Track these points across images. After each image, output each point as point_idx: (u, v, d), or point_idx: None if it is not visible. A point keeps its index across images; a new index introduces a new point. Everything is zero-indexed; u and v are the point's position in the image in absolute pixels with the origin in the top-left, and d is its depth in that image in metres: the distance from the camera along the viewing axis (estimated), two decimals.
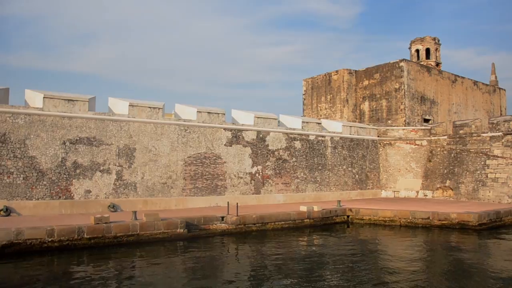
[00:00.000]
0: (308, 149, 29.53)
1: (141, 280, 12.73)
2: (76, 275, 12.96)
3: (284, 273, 13.79)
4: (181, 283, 12.52)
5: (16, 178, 19.39)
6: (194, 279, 12.88)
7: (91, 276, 12.97)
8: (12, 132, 19.52)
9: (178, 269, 14.42)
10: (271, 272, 13.80)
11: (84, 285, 11.92)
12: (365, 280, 13.02)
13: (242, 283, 12.49)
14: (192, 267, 14.66)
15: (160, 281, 12.65)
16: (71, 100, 20.97)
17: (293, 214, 22.72)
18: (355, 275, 13.55)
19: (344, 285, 12.36)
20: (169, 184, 23.30)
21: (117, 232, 17.10)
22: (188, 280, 12.79)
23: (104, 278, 12.77)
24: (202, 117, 24.71)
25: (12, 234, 15.07)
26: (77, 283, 12.08)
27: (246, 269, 14.42)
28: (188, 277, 13.26)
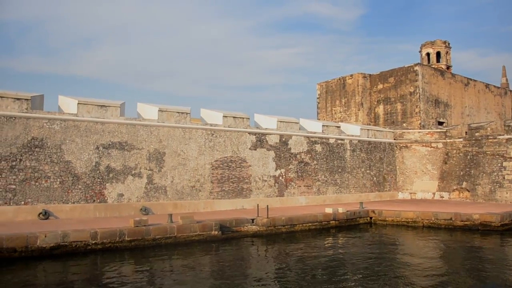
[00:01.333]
0: (328, 152, 29.80)
1: (177, 280, 12.99)
2: (117, 275, 13.18)
3: (313, 273, 13.89)
4: (213, 283, 12.75)
5: (53, 182, 19.68)
6: (225, 279, 13.03)
7: (131, 276, 13.27)
8: (49, 137, 19.83)
9: (211, 269, 14.64)
10: (301, 272, 13.90)
11: (124, 284, 12.16)
12: (391, 277, 13.34)
13: (272, 283, 12.70)
14: (225, 267, 14.85)
15: (194, 281, 12.86)
16: (104, 105, 21.28)
17: (320, 216, 22.99)
18: (382, 275, 13.76)
19: (373, 284, 12.64)
20: (197, 188, 23.57)
21: (156, 234, 17.38)
22: (220, 281, 12.99)
23: (143, 278, 13.08)
24: (227, 122, 25.01)
25: (59, 236, 15.35)
26: (118, 282, 12.31)
27: (277, 269, 14.56)
28: (220, 277, 13.41)
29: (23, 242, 14.76)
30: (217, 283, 12.68)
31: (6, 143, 18.88)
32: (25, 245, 14.79)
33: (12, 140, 19.03)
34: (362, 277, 13.38)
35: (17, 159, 19.04)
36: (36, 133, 19.55)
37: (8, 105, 19.13)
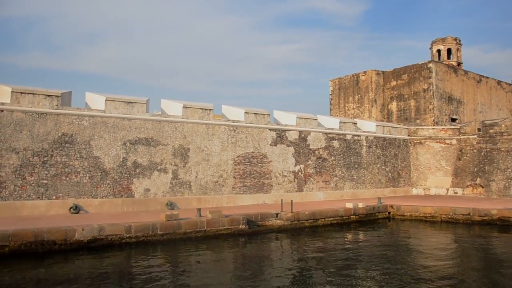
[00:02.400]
0: (345, 148, 30.01)
1: (205, 273, 13.25)
2: (149, 268, 13.45)
3: (337, 268, 14.08)
4: (241, 276, 13.03)
5: (82, 177, 19.96)
6: (252, 273, 13.27)
7: (162, 269, 13.52)
8: (78, 133, 20.10)
9: (239, 263, 14.94)
10: (325, 268, 14.06)
11: (156, 277, 12.44)
12: (411, 271, 13.61)
13: (297, 278, 12.86)
14: (253, 261, 15.20)
15: (221, 274, 13.16)
16: (130, 102, 21.52)
17: (341, 211, 23.25)
18: (404, 268, 14.07)
19: (395, 276, 12.89)
20: (220, 183, 23.83)
21: (186, 228, 17.65)
22: (248, 274, 13.22)
23: (173, 271, 13.40)
24: (249, 118, 25.23)
25: (95, 230, 15.64)
26: (150, 275, 12.59)
27: (302, 265, 14.71)
28: (248, 271, 13.68)
29: (62, 235, 15.05)
30: (245, 275, 12.98)
31: (38, 139, 19.15)
32: (64, 238, 15.08)
33: (44, 136, 19.30)
34: (383, 272, 13.55)
35: (48, 154, 19.31)
36: (66, 129, 19.81)
37: (40, 102, 19.39)
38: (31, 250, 14.45)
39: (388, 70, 42.28)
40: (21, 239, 14.38)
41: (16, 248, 14.25)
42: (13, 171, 18.52)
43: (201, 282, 12.16)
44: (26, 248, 14.41)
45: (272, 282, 12.17)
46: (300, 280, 12.50)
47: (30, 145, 18.98)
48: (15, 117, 18.81)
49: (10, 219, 17.12)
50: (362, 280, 12.58)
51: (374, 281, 12.49)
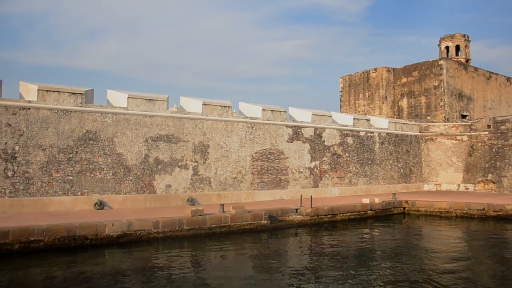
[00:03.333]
0: (359, 144, 30.20)
1: (229, 267, 13.58)
2: (176, 263, 13.77)
3: (359, 262, 14.35)
4: (263, 270, 13.28)
5: (106, 173, 20.20)
6: (274, 268, 13.52)
7: (188, 263, 13.84)
8: (102, 130, 20.32)
9: (263, 258, 15.01)
10: (346, 263, 14.27)
11: (182, 272, 12.73)
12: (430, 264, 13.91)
13: (320, 273, 13.07)
14: (275, 256, 15.42)
15: (244, 269, 13.42)
16: (152, 99, 21.74)
17: (358, 206, 23.48)
18: (422, 261, 14.37)
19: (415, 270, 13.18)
20: (239, 179, 24.06)
21: (211, 223, 17.88)
22: (270, 268, 13.45)
23: (200, 265, 13.78)
24: (266, 115, 25.43)
25: (124, 225, 15.88)
26: (177, 270, 12.90)
27: (323, 260, 14.91)
28: (269, 265, 13.92)
29: (93, 230, 15.29)
30: (268, 270, 13.20)
31: (64, 136, 19.39)
32: (95, 233, 15.32)
33: (69, 133, 19.53)
34: (401, 267, 13.73)
35: (73, 151, 19.55)
36: (90, 126, 20.04)
37: (65, 100, 19.61)
38: (64, 245, 14.70)
39: (399, 67, 42.42)
40: (55, 234, 14.63)
41: (50, 243, 14.51)
42: (40, 168, 18.77)
43: (225, 277, 12.35)
44: (60, 243, 14.67)
45: (292, 279, 12.26)
46: (320, 275, 12.69)
47: (55, 142, 19.22)
48: (41, 114, 19.04)
49: (39, 215, 17.39)
50: (381, 274, 12.79)
51: (393, 276, 12.65)
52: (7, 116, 18.40)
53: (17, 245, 14.02)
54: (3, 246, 13.80)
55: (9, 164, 18.23)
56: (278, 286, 11.58)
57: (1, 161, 18.09)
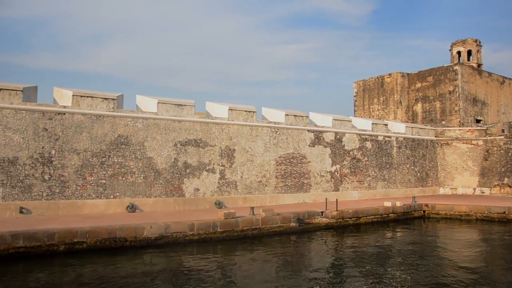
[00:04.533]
0: (377, 149, 30.42)
1: (258, 270, 13.72)
2: (210, 264, 14.09)
3: (383, 264, 14.64)
4: (292, 272, 13.43)
5: (137, 177, 20.50)
6: (303, 270, 13.72)
7: (221, 266, 14.02)
8: (133, 135, 20.64)
9: (292, 260, 15.24)
10: (373, 266, 14.58)
11: (216, 273, 13.05)
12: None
13: (344, 274, 13.27)
14: (305, 258, 15.72)
15: (273, 272, 13.56)
16: (180, 105, 22.05)
17: (381, 209, 23.69)
18: (446, 264, 14.59)
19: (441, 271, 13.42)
20: (264, 182, 24.32)
21: (243, 226, 18.13)
22: (299, 270, 13.65)
23: (233, 267, 13.95)
24: (289, 120, 25.71)
25: (162, 228, 16.15)
26: (211, 271, 13.16)
27: (351, 263, 15.11)
28: (299, 268, 14.07)
29: (132, 232, 15.58)
30: (297, 272, 13.36)
31: (97, 140, 19.72)
32: (134, 235, 15.60)
33: (102, 137, 19.86)
34: (424, 269, 13.88)
35: (106, 155, 19.87)
36: (122, 130, 20.36)
37: (98, 105, 19.95)
38: (106, 247, 14.98)
39: (413, 72, 42.68)
40: (97, 235, 14.92)
41: (92, 244, 14.80)
42: (74, 171, 19.10)
43: (256, 278, 12.55)
44: (101, 245, 14.95)
45: (320, 281, 12.42)
46: (348, 276, 12.90)
47: (89, 146, 19.54)
48: (75, 119, 19.38)
49: (74, 217, 17.70)
50: (406, 276, 12.94)
51: (418, 277, 12.79)
52: (44, 121, 18.75)
53: (62, 246, 14.32)
54: (50, 247, 14.11)
55: (46, 167, 18.57)
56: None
57: (39, 165, 18.42)
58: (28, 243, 13.82)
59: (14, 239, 13.64)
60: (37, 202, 18.24)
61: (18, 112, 18.33)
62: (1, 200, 17.62)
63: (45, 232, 14.15)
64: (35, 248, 13.92)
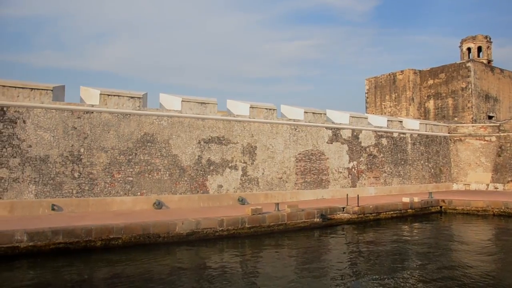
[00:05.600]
0: (393, 145, 30.59)
1: (283, 265, 13.93)
2: (239, 258, 14.53)
3: (405, 258, 14.79)
4: (317, 266, 13.75)
5: (163, 174, 20.76)
6: (326, 263, 14.05)
7: (249, 261, 14.36)
8: (158, 132, 20.89)
9: (315, 255, 15.57)
10: (396, 257, 14.84)
11: (245, 267, 13.43)
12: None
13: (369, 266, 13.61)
14: (328, 253, 16.02)
15: (297, 267, 13.77)
16: (204, 103, 22.27)
17: (400, 205, 23.93)
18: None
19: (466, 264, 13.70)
20: (284, 179, 24.54)
21: (270, 222, 18.40)
22: (323, 265, 13.95)
23: (261, 262, 14.26)
24: (308, 117, 25.90)
25: (193, 224, 16.41)
26: (241, 266, 13.58)
27: (375, 253, 15.53)
28: (324, 262, 14.40)
29: (165, 228, 15.84)
30: (321, 266, 13.66)
31: (124, 138, 19.97)
32: (167, 231, 15.86)
33: (128, 135, 20.10)
34: (447, 262, 14.23)
35: (133, 153, 20.12)
36: (148, 128, 20.60)
37: (124, 103, 20.20)
38: (140, 242, 15.27)
39: (425, 69, 42.76)
40: (131, 232, 15.20)
41: (127, 240, 15.07)
42: (103, 169, 19.36)
43: (283, 273, 12.78)
44: (136, 240, 15.23)
45: (346, 275, 12.63)
46: (372, 270, 13.14)
47: (116, 144, 19.79)
48: (103, 118, 19.63)
49: (104, 214, 17.98)
50: (427, 270, 13.13)
51: (438, 272, 12.99)
52: (73, 119, 19.01)
53: (99, 242, 14.61)
54: (87, 243, 14.41)
55: (76, 165, 18.84)
56: (332, 281, 11.98)
57: (69, 163, 18.69)
58: (67, 239, 14.13)
59: (54, 235, 13.93)
60: (67, 199, 18.52)
61: (49, 111, 18.59)
62: (34, 198, 17.90)
63: (83, 229, 14.43)
64: (73, 244, 14.22)
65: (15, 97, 17.99)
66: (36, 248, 13.65)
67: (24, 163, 17.87)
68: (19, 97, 18.07)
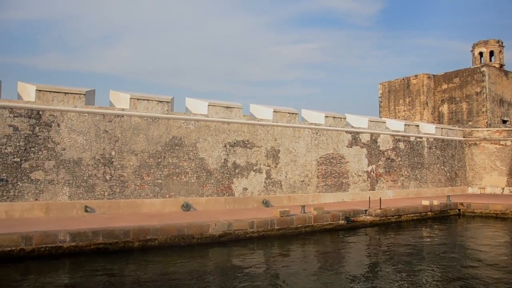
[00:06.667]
0: (410, 149, 30.77)
1: (306, 267, 14.06)
2: (269, 259, 14.87)
3: (428, 258, 15.10)
4: (342, 266, 14.02)
5: (191, 177, 21.04)
6: (351, 264, 14.30)
7: (276, 261, 14.56)
8: (186, 136, 21.19)
9: (340, 255, 15.89)
10: (420, 258, 15.08)
11: (275, 267, 13.72)
12: None
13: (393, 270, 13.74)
14: (354, 252, 16.43)
15: (321, 267, 14.01)
16: (229, 107, 22.57)
17: (420, 208, 24.15)
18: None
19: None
20: (306, 182, 24.78)
21: (297, 223, 18.64)
22: (348, 266, 14.14)
23: (290, 262, 14.49)
24: (328, 121, 26.15)
25: (225, 225, 16.66)
26: (270, 266, 13.86)
27: (399, 254, 15.74)
28: (349, 262, 14.72)
29: (199, 230, 16.10)
30: (346, 267, 13.88)
31: (153, 142, 20.28)
32: (201, 232, 16.12)
33: (157, 139, 20.42)
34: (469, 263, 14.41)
35: (161, 156, 20.43)
36: (176, 132, 20.91)
37: (153, 107, 20.52)
38: (175, 244, 15.51)
39: (439, 74, 42.93)
40: (167, 233, 15.46)
41: (163, 241, 15.34)
42: (133, 172, 19.67)
43: (311, 272, 13.12)
44: (171, 241, 15.49)
45: (372, 274, 12.89)
46: (397, 269, 13.32)
47: (146, 147, 20.11)
48: (133, 121, 19.96)
49: (136, 216, 18.27)
50: (449, 270, 13.39)
51: (460, 271, 13.25)
52: (104, 123, 19.34)
53: (137, 243, 14.88)
54: (125, 243, 14.68)
55: (107, 168, 19.16)
56: (357, 280, 12.23)
57: (101, 165, 19.02)
58: (107, 240, 14.40)
59: (94, 235, 14.22)
60: (99, 201, 18.83)
61: (81, 115, 18.94)
62: (68, 199, 18.23)
63: (121, 230, 14.72)
64: (112, 244, 14.48)
65: (50, 101, 18.35)
66: (78, 248, 13.93)
67: (58, 166, 18.20)
68: (53, 101, 18.43)
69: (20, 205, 17.30)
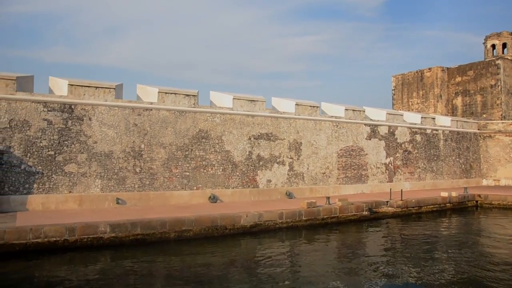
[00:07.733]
0: (426, 141, 30.88)
1: (332, 257, 14.53)
2: (298, 248, 15.30)
3: (451, 248, 15.39)
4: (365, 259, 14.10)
5: (217, 169, 21.29)
6: (374, 255, 14.39)
7: (303, 251, 14.93)
8: (212, 129, 21.40)
9: (366, 244, 16.35)
10: (443, 248, 15.36)
11: (307, 255, 14.24)
12: None
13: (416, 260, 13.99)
14: (376, 243, 16.72)
15: (347, 258, 14.19)
16: (253, 100, 22.74)
17: (439, 199, 24.35)
18: None
19: None
20: (327, 174, 24.99)
21: (324, 214, 18.90)
22: (370, 256, 14.37)
23: (318, 251, 14.91)
24: (348, 114, 26.29)
25: (256, 216, 16.93)
26: (300, 253, 14.38)
27: (422, 244, 16.04)
28: (372, 252, 14.87)
29: (231, 221, 16.37)
30: (369, 257, 14.09)
31: (180, 135, 20.51)
32: (233, 223, 16.39)
33: (184, 132, 20.64)
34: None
35: (189, 149, 20.67)
36: (202, 125, 21.12)
37: (180, 101, 20.73)
38: (208, 234, 15.80)
39: (453, 67, 42.88)
40: (201, 224, 15.74)
41: (197, 232, 15.63)
42: (162, 164, 19.93)
43: (339, 260, 13.50)
44: (205, 232, 15.77)
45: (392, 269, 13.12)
46: (420, 262, 13.52)
47: (174, 140, 20.34)
48: (161, 115, 20.18)
49: (166, 207, 18.52)
50: (470, 260, 13.61)
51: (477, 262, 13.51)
52: (134, 116, 19.58)
53: (173, 234, 15.16)
54: (162, 234, 14.97)
55: (137, 161, 19.42)
56: (381, 268, 12.55)
57: (131, 158, 19.28)
58: (145, 231, 14.68)
59: (133, 227, 14.51)
60: (130, 193, 19.11)
61: (112, 108, 19.17)
62: (100, 192, 18.52)
63: (158, 221, 15.00)
64: (150, 235, 14.77)
65: (81, 95, 18.59)
66: (117, 239, 14.22)
67: (90, 159, 18.48)
68: (85, 96, 18.66)
69: (55, 197, 17.59)
